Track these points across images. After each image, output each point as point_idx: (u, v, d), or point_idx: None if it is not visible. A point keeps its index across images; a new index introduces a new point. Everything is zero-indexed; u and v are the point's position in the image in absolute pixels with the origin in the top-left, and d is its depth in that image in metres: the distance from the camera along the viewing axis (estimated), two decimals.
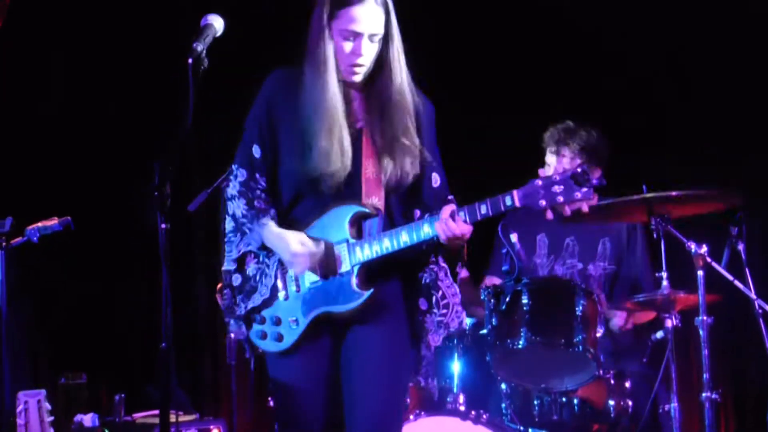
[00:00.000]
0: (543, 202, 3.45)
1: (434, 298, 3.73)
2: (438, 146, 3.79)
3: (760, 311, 4.64)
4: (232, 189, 3.72)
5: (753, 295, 4.62)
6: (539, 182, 3.45)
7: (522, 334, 4.78)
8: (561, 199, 3.44)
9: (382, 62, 3.65)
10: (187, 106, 3.31)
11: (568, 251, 5.46)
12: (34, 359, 6.78)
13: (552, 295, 4.88)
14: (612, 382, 5.03)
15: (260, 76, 3.80)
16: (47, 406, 4.19)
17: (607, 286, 5.43)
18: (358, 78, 3.66)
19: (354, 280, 3.61)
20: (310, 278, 3.67)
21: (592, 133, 5.39)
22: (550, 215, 3.47)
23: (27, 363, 6.68)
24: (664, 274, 4.76)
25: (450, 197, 3.75)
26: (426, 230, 3.54)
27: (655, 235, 4.62)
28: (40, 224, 5.08)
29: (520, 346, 4.79)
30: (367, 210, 3.64)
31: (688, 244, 4.52)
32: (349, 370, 3.66)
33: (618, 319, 5.25)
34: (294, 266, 3.64)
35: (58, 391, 6.04)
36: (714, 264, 4.56)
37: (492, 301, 4.92)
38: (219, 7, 3.60)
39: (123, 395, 5.96)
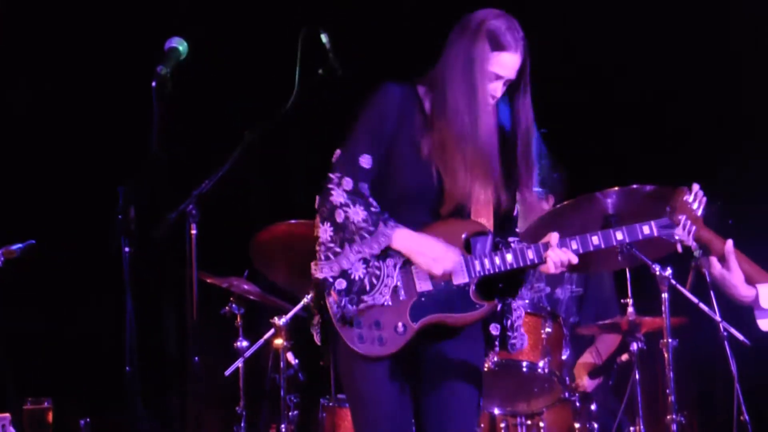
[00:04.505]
0: (677, 236, 3.61)
1: (509, 321, 3.76)
2: None
3: (726, 334, 4.65)
4: (338, 197, 3.64)
5: (718, 318, 4.63)
6: (681, 217, 3.60)
7: (487, 357, 4.79)
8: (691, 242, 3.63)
9: (517, 107, 3.72)
10: (152, 129, 3.32)
11: (535, 275, 5.46)
12: None
13: None
14: (577, 404, 5.04)
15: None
16: (12, 430, 4.16)
17: (575, 309, 5.45)
18: None
19: (473, 292, 3.63)
20: (422, 287, 3.63)
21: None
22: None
23: None
24: (630, 301, 4.79)
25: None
26: (530, 255, 3.61)
27: (620, 257, 4.64)
28: (3, 249, 5.05)
29: (485, 369, 4.81)
30: (483, 228, 3.67)
31: (653, 266, 4.54)
32: (439, 381, 3.67)
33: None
34: (436, 265, 3.58)
35: (23, 415, 5.99)
36: (679, 286, 4.59)
37: None
38: (185, 31, 3.60)
39: (88, 420, 5.93)
